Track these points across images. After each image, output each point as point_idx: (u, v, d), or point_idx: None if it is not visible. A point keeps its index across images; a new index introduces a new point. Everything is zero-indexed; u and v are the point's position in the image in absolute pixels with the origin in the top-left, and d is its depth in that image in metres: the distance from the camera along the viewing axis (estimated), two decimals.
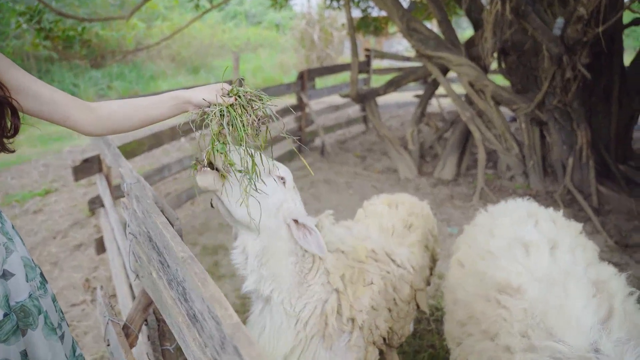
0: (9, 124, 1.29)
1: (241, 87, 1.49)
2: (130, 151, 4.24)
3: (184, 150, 8.09)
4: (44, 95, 1.32)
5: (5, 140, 1.30)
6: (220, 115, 1.39)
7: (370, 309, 1.93)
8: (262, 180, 1.54)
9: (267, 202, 1.57)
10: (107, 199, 3.70)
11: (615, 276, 1.80)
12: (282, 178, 1.67)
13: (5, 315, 1.30)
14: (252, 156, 1.46)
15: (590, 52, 5.23)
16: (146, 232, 1.57)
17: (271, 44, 20.18)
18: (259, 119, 1.41)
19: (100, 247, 4.17)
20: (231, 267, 4.22)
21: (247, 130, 1.38)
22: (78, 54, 5.69)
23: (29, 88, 1.30)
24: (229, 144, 1.45)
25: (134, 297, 3.19)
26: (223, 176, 1.52)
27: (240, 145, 1.40)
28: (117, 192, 3.99)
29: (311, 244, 1.66)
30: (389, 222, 2.56)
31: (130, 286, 3.34)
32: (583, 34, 4.97)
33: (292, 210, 1.67)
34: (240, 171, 1.47)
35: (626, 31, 6.52)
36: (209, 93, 1.44)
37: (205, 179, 1.50)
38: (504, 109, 6.45)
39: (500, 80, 7.95)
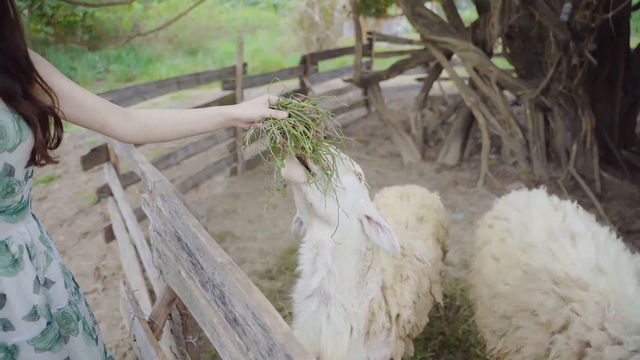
0: (52, 135, 1.29)
1: (289, 98, 1.48)
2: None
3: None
4: (84, 103, 1.32)
5: (49, 152, 1.30)
6: (280, 130, 1.37)
7: (412, 304, 1.96)
8: (339, 178, 1.55)
9: (346, 198, 1.57)
10: (116, 188, 3.70)
11: None
12: (359, 174, 1.65)
13: (48, 323, 1.32)
14: (333, 157, 1.47)
15: (596, 38, 5.21)
16: (174, 232, 1.58)
17: (269, 25, 19.93)
18: (317, 125, 1.41)
19: (109, 235, 4.19)
20: (239, 254, 4.28)
21: (310, 139, 1.38)
22: (80, 38, 5.62)
23: (72, 95, 1.30)
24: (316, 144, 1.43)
25: (147, 287, 3.23)
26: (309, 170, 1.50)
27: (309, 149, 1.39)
28: (125, 181, 3.99)
29: (384, 241, 1.64)
30: (402, 215, 2.58)
31: (143, 274, 3.37)
32: (591, 20, 4.94)
33: (365, 207, 1.65)
34: (325, 171, 1.47)
35: (635, 14, 6.49)
36: (256, 108, 1.41)
37: (296, 171, 1.45)
38: (506, 93, 6.44)
39: (501, 63, 7.92)
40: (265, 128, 1.40)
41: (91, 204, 5.41)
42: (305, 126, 1.39)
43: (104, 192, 4.19)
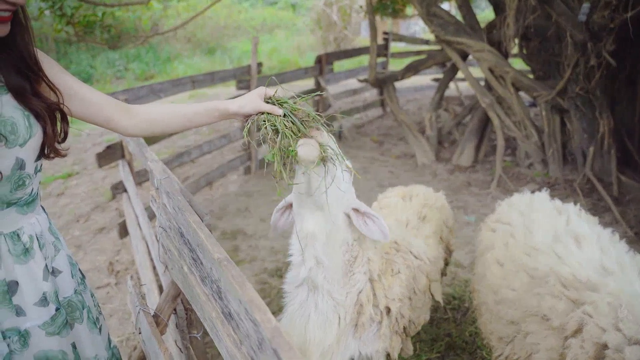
0: (59, 129, 1.36)
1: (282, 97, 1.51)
2: (151, 138, 4.31)
3: (201, 133, 8.14)
4: (89, 99, 1.38)
5: (57, 145, 1.36)
6: (273, 127, 1.41)
7: (403, 298, 1.98)
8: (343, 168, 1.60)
9: (339, 191, 1.61)
10: (130, 185, 3.77)
11: None
12: (349, 167, 1.69)
13: (57, 309, 1.38)
14: (337, 154, 1.53)
15: (615, 38, 5.12)
16: (177, 228, 1.62)
17: (287, 25, 20.01)
18: (307, 121, 1.45)
19: (123, 231, 4.27)
20: (250, 252, 4.32)
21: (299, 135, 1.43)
22: (98, 38, 5.74)
23: (77, 93, 1.37)
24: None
25: (157, 282, 3.29)
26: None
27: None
28: (139, 178, 4.06)
29: (373, 231, 1.70)
30: (403, 215, 2.60)
31: (154, 271, 3.43)
32: (610, 20, 4.86)
33: (352, 201, 1.71)
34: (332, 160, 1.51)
35: None
36: (252, 102, 1.43)
37: (312, 150, 1.44)
38: (523, 94, 6.36)
39: (518, 64, 7.83)
40: (260, 122, 1.43)
41: (107, 200, 5.51)
42: (295, 126, 1.42)
43: (119, 188, 4.28)
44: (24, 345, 1.33)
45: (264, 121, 1.42)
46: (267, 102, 1.46)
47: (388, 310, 1.90)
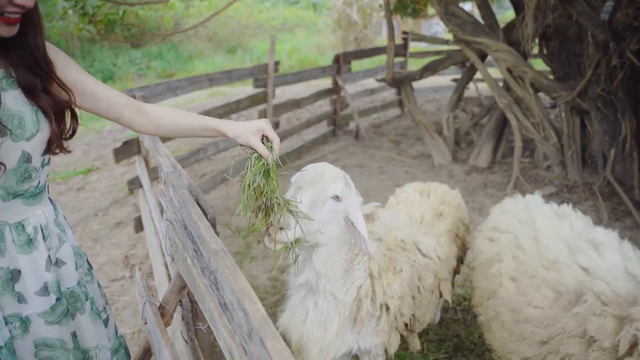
0: (68, 127, 1.41)
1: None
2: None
3: None
4: (101, 96, 1.44)
5: (63, 142, 1.42)
6: (264, 170, 1.48)
7: (400, 297, 1.98)
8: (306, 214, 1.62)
9: (335, 216, 1.65)
10: (145, 180, 3.84)
11: None
12: (336, 197, 1.66)
13: (57, 299, 1.42)
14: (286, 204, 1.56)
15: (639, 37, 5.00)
16: (182, 220, 1.65)
17: (308, 24, 20.08)
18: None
19: (139, 225, 4.35)
20: (263, 249, 4.34)
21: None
22: (119, 36, 5.85)
23: (90, 90, 1.43)
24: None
25: (169, 276, 3.34)
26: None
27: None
28: (154, 174, 4.13)
29: (361, 245, 1.76)
30: (419, 210, 2.58)
31: (166, 265, 3.48)
32: (634, 18, 4.75)
33: (352, 213, 1.72)
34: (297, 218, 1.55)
35: None
36: (249, 134, 1.47)
37: (281, 238, 1.57)
38: (543, 96, 6.26)
39: (540, 65, 7.71)
40: (251, 160, 1.48)
41: (125, 195, 5.62)
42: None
43: (135, 183, 4.36)
44: (24, 331, 1.38)
45: (251, 157, 1.48)
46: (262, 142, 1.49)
47: (387, 307, 1.91)
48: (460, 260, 2.81)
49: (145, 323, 1.91)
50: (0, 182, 1.29)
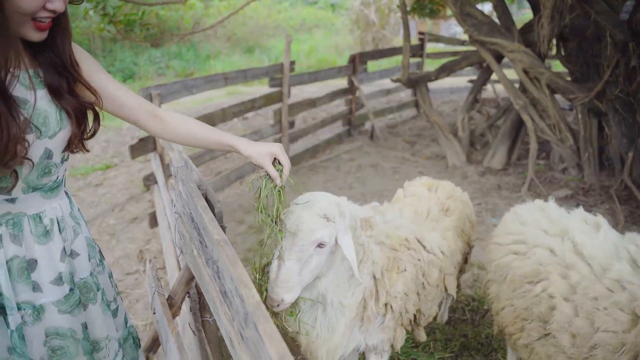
0: (90, 127, 1.49)
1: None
2: None
3: (235, 130, 8.32)
4: (121, 101, 1.52)
5: (84, 141, 1.49)
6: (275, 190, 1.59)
7: (404, 295, 2.01)
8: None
9: (326, 254, 1.68)
10: (160, 176, 3.93)
11: None
12: (321, 244, 1.66)
13: (70, 290, 1.49)
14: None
15: None
16: (189, 213, 1.70)
17: (326, 24, 20.12)
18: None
19: (154, 221, 4.44)
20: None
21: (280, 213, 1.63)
22: (139, 36, 5.98)
23: (111, 93, 1.50)
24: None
25: (180, 269, 3.41)
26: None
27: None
28: (169, 171, 4.21)
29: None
30: (425, 205, 2.59)
31: (178, 259, 3.56)
32: None
33: (340, 235, 1.70)
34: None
35: None
36: (262, 156, 1.53)
37: (280, 309, 1.65)
38: (561, 98, 6.19)
39: (559, 66, 7.61)
40: (262, 183, 1.57)
41: (142, 191, 5.73)
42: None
43: (150, 180, 4.45)
44: (37, 319, 1.43)
45: (263, 180, 1.57)
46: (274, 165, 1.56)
47: (391, 306, 1.94)
48: (466, 257, 2.81)
49: (154, 313, 1.97)
50: (23, 176, 1.35)
